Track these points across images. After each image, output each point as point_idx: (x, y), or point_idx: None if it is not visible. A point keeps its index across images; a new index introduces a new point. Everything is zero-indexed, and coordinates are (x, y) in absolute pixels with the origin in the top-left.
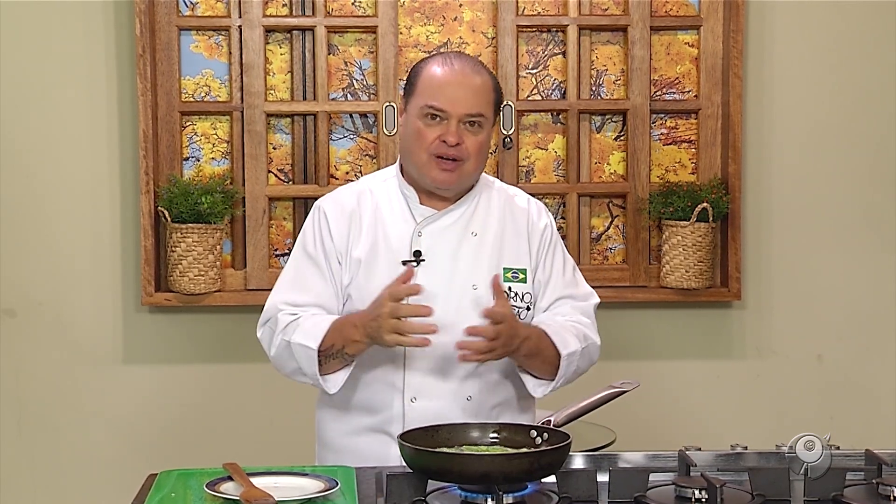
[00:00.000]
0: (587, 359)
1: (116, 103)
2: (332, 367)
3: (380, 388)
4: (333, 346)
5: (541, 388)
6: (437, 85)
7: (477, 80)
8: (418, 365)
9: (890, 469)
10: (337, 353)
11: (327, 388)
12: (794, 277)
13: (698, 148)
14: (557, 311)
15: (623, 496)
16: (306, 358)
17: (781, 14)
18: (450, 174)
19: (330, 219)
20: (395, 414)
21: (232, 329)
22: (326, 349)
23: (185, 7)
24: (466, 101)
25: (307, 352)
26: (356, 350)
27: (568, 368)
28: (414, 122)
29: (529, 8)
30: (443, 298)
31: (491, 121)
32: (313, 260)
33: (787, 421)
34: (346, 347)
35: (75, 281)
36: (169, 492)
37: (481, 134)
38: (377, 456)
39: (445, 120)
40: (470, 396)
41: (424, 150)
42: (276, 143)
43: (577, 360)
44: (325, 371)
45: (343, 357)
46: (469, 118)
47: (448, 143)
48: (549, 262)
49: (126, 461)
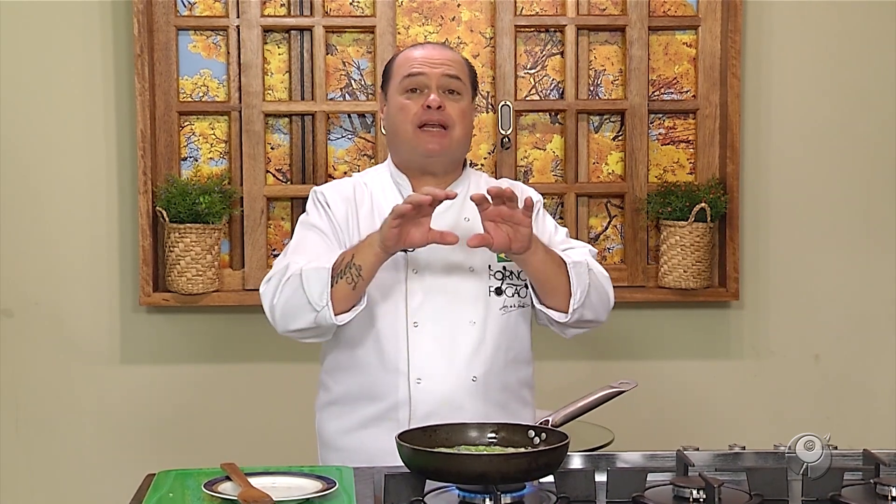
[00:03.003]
0: (597, 284)
1: (114, 103)
2: (341, 294)
3: (383, 374)
4: (343, 261)
5: (562, 316)
6: (412, 58)
7: (449, 53)
8: (422, 345)
9: (888, 469)
10: (347, 267)
11: (332, 315)
12: (792, 277)
13: (696, 148)
14: None
15: (621, 496)
16: (316, 279)
17: (779, 14)
18: (440, 140)
19: (330, 201)
20: (402, 399)
21: (230, 329)
22: (336, 266)
23: (183, 7)
24: (442, 65)
25: (318, 273)
26: (368, 259)
27: (580, 280)
28: (395, 100)
29: (527, 8)
30: (440, 283)
31: (469, 91)
32: (319, 230)
33: (785, 421)
34: (356, 257)
35: (73, 281)
36: (167, 492)
37: (462, 101)
38: (385, 448)
39: (426, 88)
40: (475, 377)
41: (410, 123)
42: (275, 142)
43: (586, 276)
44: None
45: (353, 275)
46: (448, 79)
47: (431, 107)
48: (540, 226)
49: (124, 461)
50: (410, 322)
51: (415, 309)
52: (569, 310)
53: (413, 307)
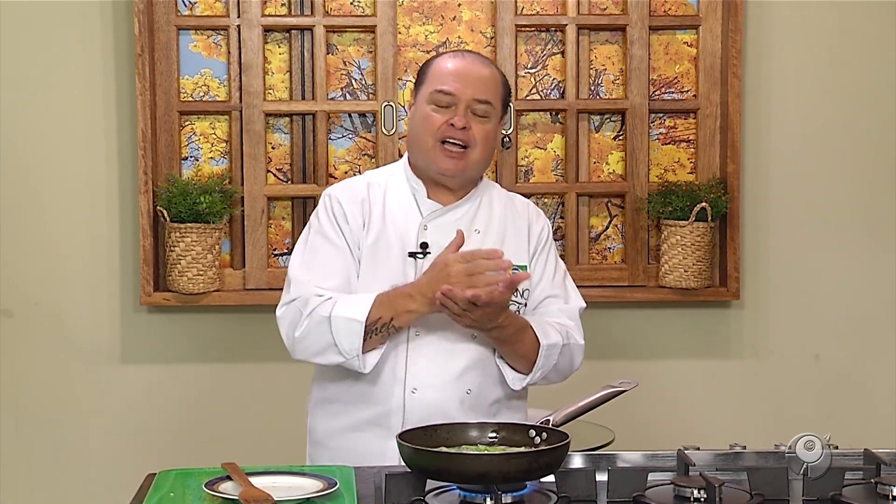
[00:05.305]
0: (568, 358)
1: (115, 103)
2: (371, 345)
3: (380, 380)
4: (380, 320)
5: (518, 381)
6: (447, 72)
7: (486, 71)
8: (421, 356)
9: (888, 468)
10: (383, 326)
11: (363, 366)
12: (793, 277)
13: (697, 147)
14: (545, 311)
15: (622, 496)
16: (348, 332)
17: (780, 14)
18: (456, 161)
19: (345, 205)
20: (395, 406)
21: (231, 329)
22: (372, 323)
23: (184, 7)
24: (475, 86)
25: (351, 325)
26: (407, 321)
27: (547, 361)
28: (422, 108)
29: (528, 7)
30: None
31: (498, 114)
32: (334, 245)
33: (785, 420)
34: (395, 319)
35: (73, 281)
36: (167, 491)
37: (488, 124)
38: (373, 452)
39: (454, 106)
40: (470, 390)
41: (431, 136)
42: (275, 142)
43: (558, 356)
44: (366, 350)
45: (389, 331)
46: (477, 103)
47: (455, 126)
48: (541, 262)
49: (124, 461)
50: (412, 331)
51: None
52: (524, 382)
53: None
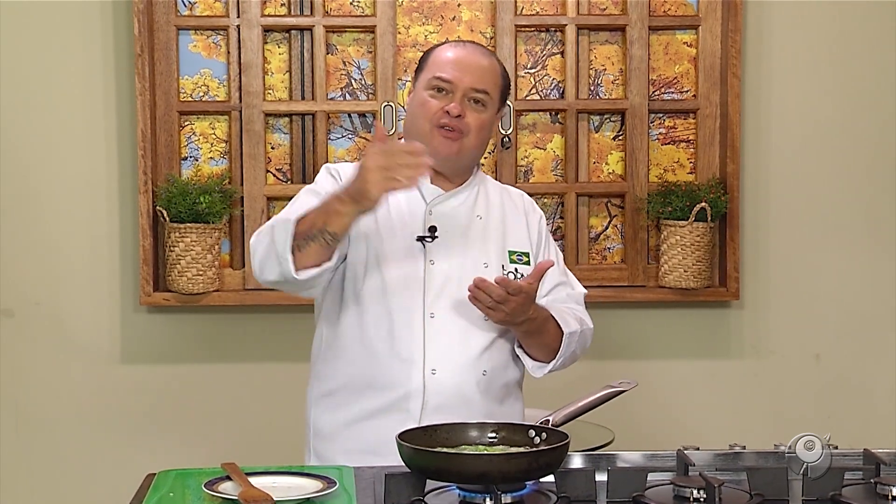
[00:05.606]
0: (582, 342)
1: (115, 103)
2: (310, 258)
3: (395, 363)
4: (314, 226)
5: (538, 370)
6: (446, 60)
7: (485, 62)
8: (440, 335)
9: (888, 468)
10: (318, 232)
11: (294, 270)
12: (793, 277)
13: (697, 148)
14: (555, 298)
15: (621, 496)
16: (282, 232)
17: (780, 14)
18: (451, 143)
19: (343, 177)
20: (414, 388)
21: (230, 329)
22: (306, 229)
23: (184, 7)
24: (473, 75)
25: (285, 225)
26: (339, 225)
27: (567, 349)
28: (420, 94)
29: (528, 8)
30: (457, 275)
31: (496, 104)
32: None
33: (785, 420)
34: (327, 224)
35: (73, 281)
36: (167, 492)
37: (484, 113)
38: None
39: (451, 93)
40: (485, 371)
41: (427, 120)
42: (275, 142)
43: (576, 342)
44: (302, 258)
45: (325, 237)
46: (474, 93)
47: (451, 114)
48: (545, 251)
49: (124, 461)
50: (427, 313)
51: (432, 300)
52: (545, 370)
53: (430, 298)
